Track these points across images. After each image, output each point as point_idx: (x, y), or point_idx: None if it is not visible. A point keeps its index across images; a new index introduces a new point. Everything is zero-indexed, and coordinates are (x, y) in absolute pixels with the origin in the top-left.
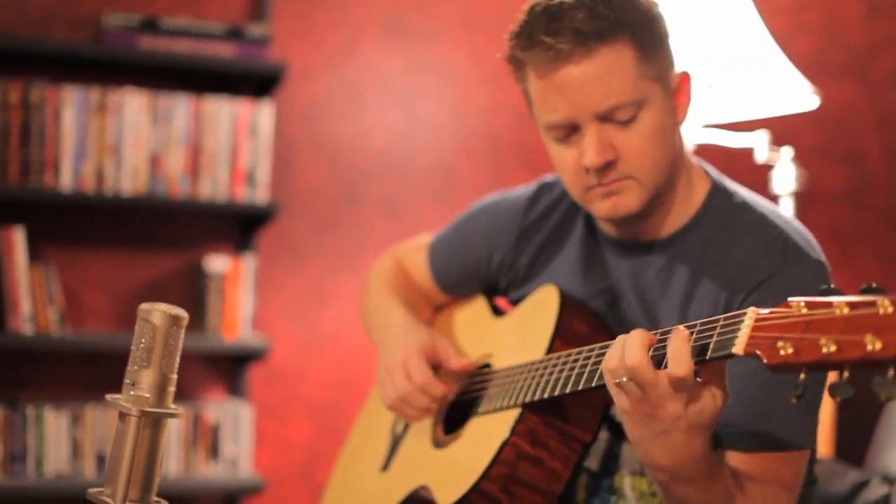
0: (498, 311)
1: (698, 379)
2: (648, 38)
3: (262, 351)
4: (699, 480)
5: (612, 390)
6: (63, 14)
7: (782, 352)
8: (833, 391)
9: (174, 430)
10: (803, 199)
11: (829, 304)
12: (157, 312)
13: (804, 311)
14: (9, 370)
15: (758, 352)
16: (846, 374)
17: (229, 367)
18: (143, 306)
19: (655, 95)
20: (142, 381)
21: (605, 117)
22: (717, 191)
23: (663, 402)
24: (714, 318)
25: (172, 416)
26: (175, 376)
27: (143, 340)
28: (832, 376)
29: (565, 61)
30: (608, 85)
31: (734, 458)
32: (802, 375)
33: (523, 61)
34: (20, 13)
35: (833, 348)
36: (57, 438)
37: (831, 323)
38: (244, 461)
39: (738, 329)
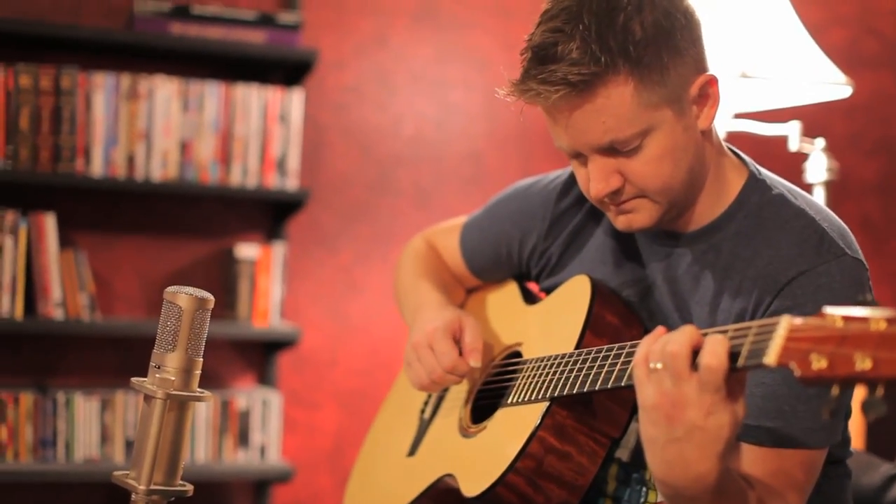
0: (530, 298)
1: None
2: (655, 63)
3: (292, 338)
4: (706, 500)
5: (640, 380)
6: (95, 1)
7: (815, 365)
8: (865, 408)
9: (203, 417)
10: (836, 190)
11: (866, 319)
12: (183, 295)
13: (839, 324)
14: (39, 355)
15: (791, 363)
16: (880, 391)
17: (259, 355)
18: (170, 289)
19: (663, 119)
20: (167, 364)
21: (606, 149)
22: (753, 183)
23: (687, 403)
24: (747, 324)
25: (198, 399)
26: (201, 360)
27: (169, 323)
28: (864, 391)
29: (561, 105)
30: (604, 123)
31: (745, 451)
32: (836, 390)
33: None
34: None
35: (868, 365)
36: (87, 424)
37: (867, 338)
38: (273, 448)
39: (771, 338)
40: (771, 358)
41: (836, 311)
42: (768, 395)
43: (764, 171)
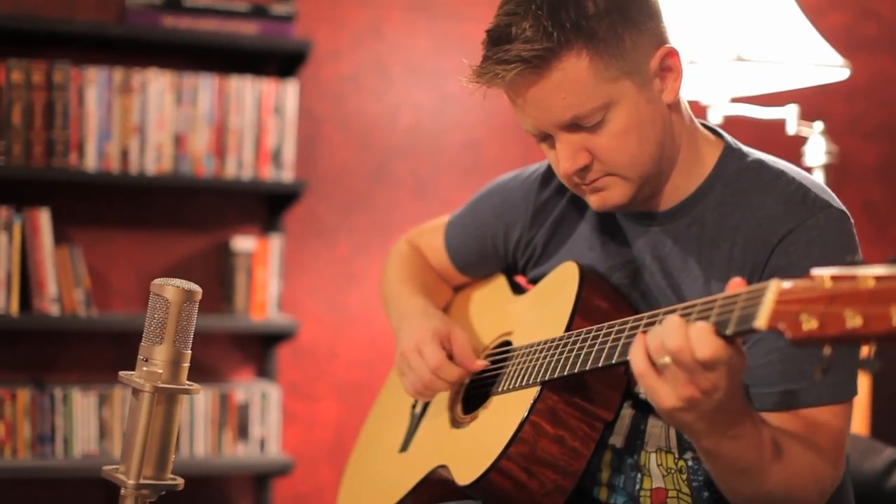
0: (518, 289)
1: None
2: (611, 36)
3: (291, 331)
4: (747, 434)
5: (653, 383)
6: None
7: (806, 325)
8: (860, 364)
9: (202, 411)
10: (836, 173)
11: (854, 277)
12: (169, 287)
13: (828, 284)
14: (36, 351)
15: (781, 325)
16: (872, 347)
17: (257, 348)
18: (157, 281)
19: (625, 92)
20: (155, 357)
21: (570, 126)
22: (728, 154)
23: (710, 384)
24: (735, 292)
25: (186, 392)
26: (189, 352)
27: (156, 316)
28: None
29: (518, 85)
30: (564, 99)
31: (774, 420)
32: (828, 349)
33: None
34: None
35: (858, 322)
36: (84, 419)
37: (856, 296)
38: (272, 442)
39: (760, 302)
40: (761, 322)
41: (824, 272)
42: (786, 359)
43: (740, 143)
